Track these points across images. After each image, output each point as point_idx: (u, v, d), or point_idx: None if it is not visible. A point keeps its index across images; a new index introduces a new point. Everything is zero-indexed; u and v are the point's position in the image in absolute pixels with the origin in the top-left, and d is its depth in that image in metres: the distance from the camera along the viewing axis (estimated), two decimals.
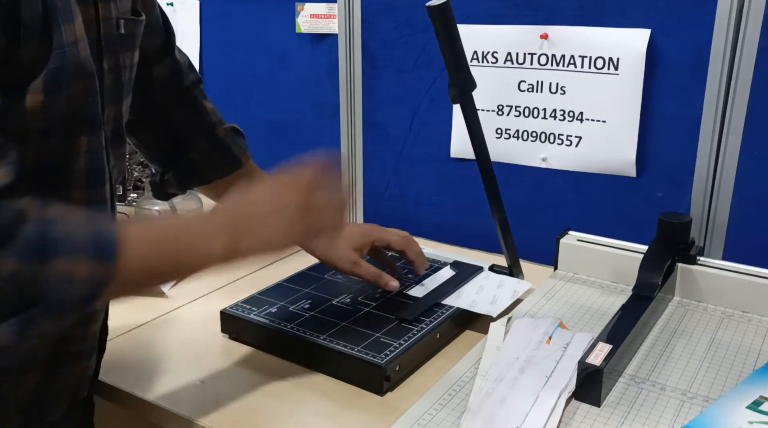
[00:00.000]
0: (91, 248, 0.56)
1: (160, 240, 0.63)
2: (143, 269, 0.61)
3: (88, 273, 0.56)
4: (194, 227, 0.66)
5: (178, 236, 0.65)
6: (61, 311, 0.56)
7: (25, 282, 0.54)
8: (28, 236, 0.54)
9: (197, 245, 0.65)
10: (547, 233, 1.15)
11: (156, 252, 0.62)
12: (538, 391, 0.76)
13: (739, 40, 1.01)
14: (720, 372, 0.82)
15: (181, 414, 0.79)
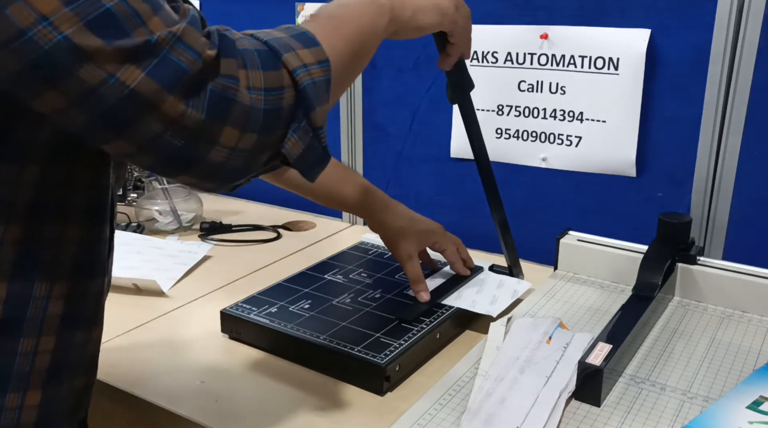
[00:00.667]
0: (297, 40, 0.59)
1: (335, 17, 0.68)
2: (342, 46, 0.64)
3: (311, 59, 0.59)
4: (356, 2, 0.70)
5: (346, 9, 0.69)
6: (318, 98, 0.59)
7: (279, 87, 0.56)
8: (248, 47, 0.56)
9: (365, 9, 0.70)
10: (547, 233, 1.15)
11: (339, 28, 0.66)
12: (538, 391, 0.76)
13: (739, 40, 1.01)
14: (720, 372, 0.82)
15: (181, 414, 0.79)
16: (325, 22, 0.66)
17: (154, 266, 1.18)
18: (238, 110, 0.54)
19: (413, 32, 0.77)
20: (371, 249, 1.19)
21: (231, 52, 0.54)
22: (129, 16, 0.49)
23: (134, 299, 1.08)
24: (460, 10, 0.83)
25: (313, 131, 0.60)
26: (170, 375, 0.87)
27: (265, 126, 0.56)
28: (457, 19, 0.83)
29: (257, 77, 0.55)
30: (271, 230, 1.39)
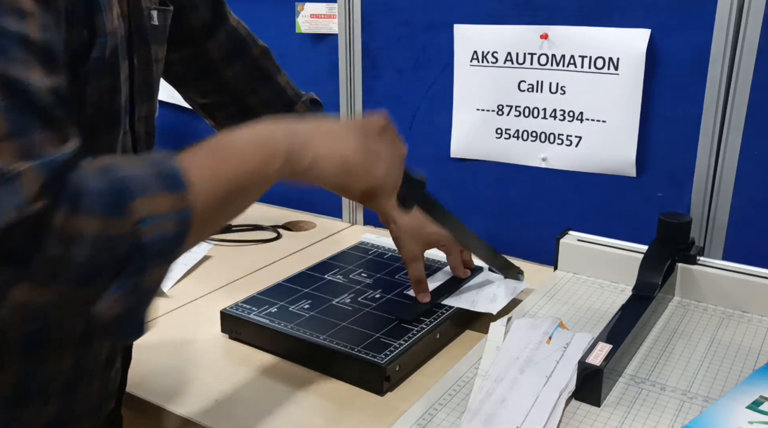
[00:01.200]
0: (160, 181, 0.51)
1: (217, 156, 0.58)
2: (214, 190, 0.55)
3: (167, 207, 0.50)
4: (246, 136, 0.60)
5: (232, 146, 0.59)
6: (161, 257, 0.50)
7: (113, 237, 0.47)
8: (96, 186, 0.47)
9: (255, 150, 0.59)
10: (547, 233, 1.15)
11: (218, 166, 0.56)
12: (538, 391, 0.76)
13: (739, 40, 1.01)
14: (720, 372, 0.82)
15: (181, 414, 0.79)
16: (206, 155, 0.56)
17: None
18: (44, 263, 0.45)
19: (317, 183, 0.64)
20: (371, 249, 1.19)
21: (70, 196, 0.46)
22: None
23: None
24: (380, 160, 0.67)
25: (140, 293, 0.50)
26: (170, 375, 0.87)
27: (79, 279, 0.47)
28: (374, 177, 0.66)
29: (89, 224, 0.46)
30: (271, 230, 1.39)
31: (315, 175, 0.63)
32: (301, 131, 0.62)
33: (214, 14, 0.89)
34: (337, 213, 1.48)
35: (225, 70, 0.91)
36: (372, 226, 1.44)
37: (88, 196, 0.46)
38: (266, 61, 0.95)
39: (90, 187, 0.47)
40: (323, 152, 0.62)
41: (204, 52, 0.90)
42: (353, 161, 0.64)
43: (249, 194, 0.60)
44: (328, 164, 0.63)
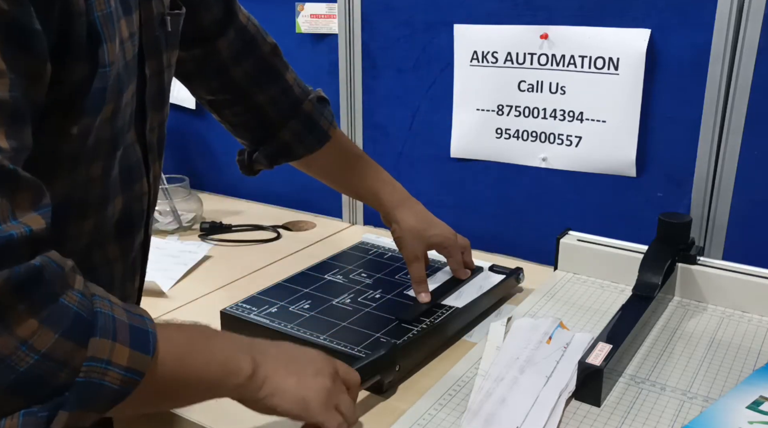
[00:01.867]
0: (130, 336, 0.51)
1: (191, 340, 0.60)
2: (175, 370, 0.56)
3: (124, 361, 0.50)
4: (221, 341, 0.63)
5: (209, 341, 0.62)
6: (89, 403, 0.49)
7: (60, 362, 0.46)
8: (70, 305, 0.47)
9: (227, 358, 0.61)
10: (547, 233, 1.15)
11: (187, 353, 0.58)
12: (538, 391, 0.76)
13: (739, 40, 1.01)
14: (720, 372, 0.82)
15: (181, 414, 0.79)
16: (181, 341, 0.58)
17: (154, 267, 1.17)
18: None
19: (265, 410, 0.65)
20: (371, 249, 1.19)
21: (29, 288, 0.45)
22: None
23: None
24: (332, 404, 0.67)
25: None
26: None
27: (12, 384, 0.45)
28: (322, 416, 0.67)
29: (45, 337, 0.45)
30: (271, 230, 1.39)
31: (267, 405, 0.64)
32: (267, 360, 0.64)
33: (225, 12, 0.89)
34: (337, 213, 1.48)
35: (234, 69, 0.91)
36: (372, 226, 1.44)
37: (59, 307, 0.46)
38: (275, 58, 0.95)
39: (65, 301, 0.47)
40: (284, 386, 0.64)
41: (214, 52, 0.90)
42: (313, 402, 0.65)
43: (195, 394, 0.61)
44: (284, 399, 0.64)
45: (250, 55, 0.92)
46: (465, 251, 1.07)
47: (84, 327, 0.48)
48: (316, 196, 1.51)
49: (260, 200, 1.59)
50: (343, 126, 1.42)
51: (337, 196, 1.48)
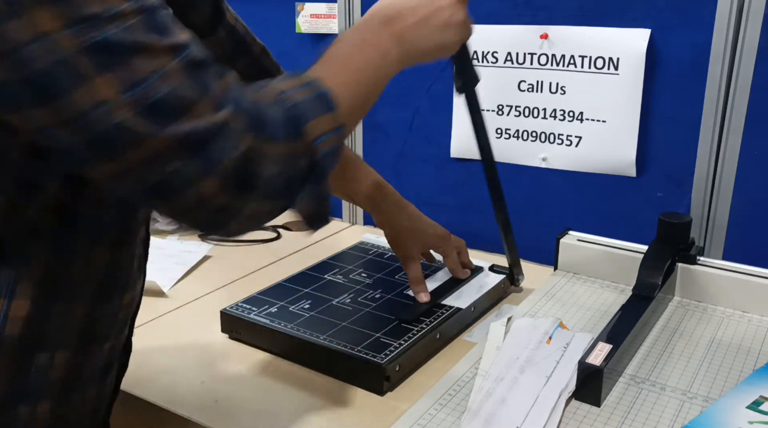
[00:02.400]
0: (319, 105, 0.61)
1: (350, 71, 0.69)
2: (351, 102, 0.66)
3: (330, 126, 0.61)
4: (368, 47, 0.71)
5: (361, 61, 0.70)
6: (331, 166, 0.62)
7: (298, 155, 0.58)
8: (276, 116, 0.57)
9: (379, 64, 0.72)
10: (547, 233, 1.15)
11: (352, 84, 0.67)
12: (538, 391, 0.76)
13: (739, 40, 1.01)
14: (720, 372, 0.82)
15: (181, 414, 0.79)
16: (338, 70, 0.68)
17: (154, 267, 1.17)
18: (263, 184, 0.56)
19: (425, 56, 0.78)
20: (371, 249, 1.19)
21: (260, 127, 0.55)
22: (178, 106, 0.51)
23: None
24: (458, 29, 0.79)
25: (323, 197, 0.63)
26: (170, 375, 0.87)
27: (283, 194, 0.58)
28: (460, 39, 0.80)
29: (281, 148, 0.57)
30: (271, 230, 1.39)
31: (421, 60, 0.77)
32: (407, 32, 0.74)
33: (213, 11, 0.89)
34: (337, 213, 1.48)
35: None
36: (372, 226, 1.44)
37: (271, 125, 0.56)
38: (266, 60, 0.96)
39: (271, 117, 0.56)
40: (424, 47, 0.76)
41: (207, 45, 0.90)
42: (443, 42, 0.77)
43: (376, 86, 0.73)
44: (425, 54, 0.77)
45: (243, 56, 0.93)
46: (460, 251, 1.07)
47: (294, 125, 0.58)
48: None
49: None
50: None
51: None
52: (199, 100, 0.51)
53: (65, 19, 0.46)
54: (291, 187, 0.59)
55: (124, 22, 0.48)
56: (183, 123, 0.50)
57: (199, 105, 0.51)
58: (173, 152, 0.51)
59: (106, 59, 0.48)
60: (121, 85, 0.48)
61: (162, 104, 0.49)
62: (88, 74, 0.47)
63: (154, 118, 0.49)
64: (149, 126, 0.49)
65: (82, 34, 0.47)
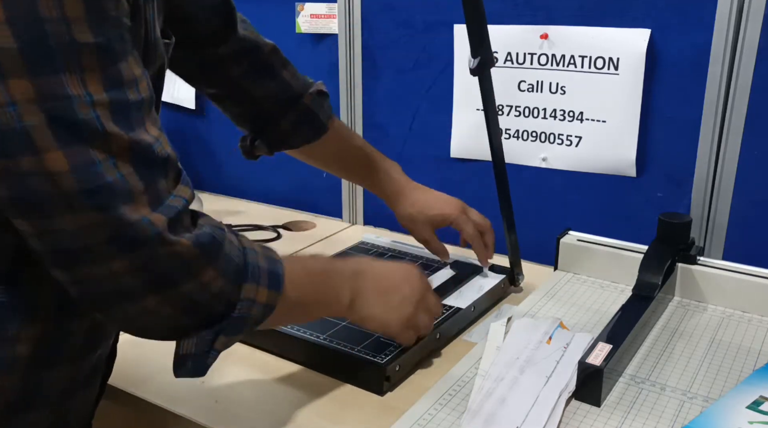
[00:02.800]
0: (268, 279, 0.64)
1: (310, 278, 0.73)
2: (295, 301, 0.68)
3: (263, 300, 0.63)
4: (332, 275, 0.76)
5: (322, 274, 0.75)
6: (239, 330, 0.63)
7: (224, 299, 0.61)
8: (233, 259, 0.61)
9: (332, 288, 0.75)
10: (547, 233, 1.15)
11: (306, 288, 0.71)
12: (538, 391, 0.76)
13: (739, 40, 1.01)
14: (720, 372, 0.82)
15: (181, 414, 0.79)
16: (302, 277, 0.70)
17: None
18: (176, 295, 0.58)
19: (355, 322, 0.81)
20: (371, 249, 1.19)
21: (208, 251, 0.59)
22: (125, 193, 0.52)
23: None
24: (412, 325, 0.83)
25: (209, 350, 0.62)
26: (170, 375, 0.87)
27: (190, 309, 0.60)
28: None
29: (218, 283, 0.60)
30: (271, 230, 1.39)
31: (358, 322, 0.80)
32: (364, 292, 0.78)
33: (224, 24, 0.92)
34: (337, 213, 1.48)
35: (232, 68, 0.94)
36: (372, 226, 1.44)
37: (226, 261, 0.60)
38: (272, 57, 0.98)
39: (230, 255, 0.61)
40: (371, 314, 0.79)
41: (214, 56, 0.93)
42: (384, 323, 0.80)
43: (308, 315, 0.77)
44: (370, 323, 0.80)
45: (249, 56, 0.96)
46: (483, 230, 1.07)
47: (241, 275, 0.62)
48: (316, 196, 1.51)
49: (260, 200, 1.59)
50: None
51: (337, 196, 1.48)
52: (141, 193, 0.53)
53: (38, 94, 0.47)
54: (197, 312, 0.60)
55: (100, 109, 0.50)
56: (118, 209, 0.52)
57: (140, 197, 0.53)
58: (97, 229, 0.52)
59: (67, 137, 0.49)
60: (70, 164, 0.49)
61: (103, 189, 0.51)
62: (49, 146, 0.48)
63: (94, 200, 0.51)
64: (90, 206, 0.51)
65: (52, 110, 0.47)
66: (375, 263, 0.84)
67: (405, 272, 0.84)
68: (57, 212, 0.50)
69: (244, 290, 0.62)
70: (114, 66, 0.50)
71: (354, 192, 1.45)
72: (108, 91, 0.49)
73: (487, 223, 1.08)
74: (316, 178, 1.49)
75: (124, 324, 0.61)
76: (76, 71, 0.47)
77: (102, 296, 0.56)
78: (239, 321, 0.62)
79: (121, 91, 0.51)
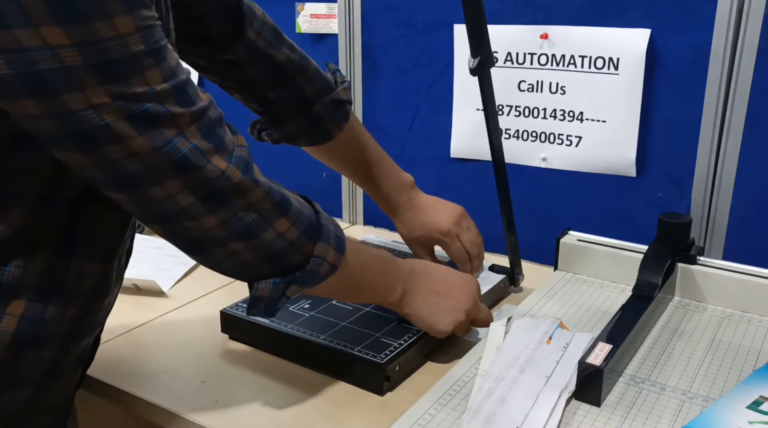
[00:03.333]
0: (335, 241, 0.72)
1: (371, 258, 0.82)
2: (355, 274, 0.76)
3: (331, 259, 0.71)
4: (389, 266, 0.83)
5: (382, 262, 0.83)
6: (310, 283, 0.71)
7: (297, 251, 0.69)
8: (310, 218, 0.70)
9: (388, 278, 0.83)
10: (547, 233, 1.15)
11: (366, 265, 0.80)
12: (538, 391, 0.76)
13: (739, 40, 1.01)
14: (720, 372, 0.82)
15: (181, 414, 0.79)
16: (362, 255, 0.79)
17: (154, 266, 1.18)
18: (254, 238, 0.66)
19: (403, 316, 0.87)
20: None
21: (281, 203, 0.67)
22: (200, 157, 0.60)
23: (134, 299, 1.08)
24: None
25: (281, 296, 0.70)
26: (170, 375, 0.87)
27: (268, 256, 0.68)
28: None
29: (293, 233, 0.68)
30: None
31: (406, 317, 0.86)
32: (416, 292, 0.85)
33: (234, 26, 0.92)
34: (337, 213, 1.48)
35: (247, 69, 0.95)
36: (372, 226, 1.45)
37: (298, 215, 0.69)
38: (286, 66, 0.98)
39: (300, 210, 0.69)
40: (419, 312, 0.85)
41: (227, 55, 0.93)
42: (427, 325, 0.86)
43: (363, 296, 0.85)
44: (417, 320, 0.86)
45: (261, 63, 0.95)
46: (473, 257, 1.06)
47: (316, 233, 0.70)
48: (316, 196, 1.50)
49: None
50: None
51: (337, 196, 1.48)
52: (212, 152, 0.61)
53: (112, 98, 0.54)
54: (274, 258, 0.68)
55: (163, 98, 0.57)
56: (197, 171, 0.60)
57: (212, 156, 0.61)
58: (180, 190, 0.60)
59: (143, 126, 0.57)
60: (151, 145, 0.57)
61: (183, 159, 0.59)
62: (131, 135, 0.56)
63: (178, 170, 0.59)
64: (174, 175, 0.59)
65: (126, 108, 0.55)
66: (433, 267, 0.89)
67: (461, 279, 0.89)
68: (149, 184, 0.59)
69: (317, 247, 0.69)
70: (164, 61, 0.58)
71: (354, 192, 1.45)
72: (166, 81, 0.57)
73: (476, 245, 1.06)
74: (316, 178, 1.49)
75: (214, 266, 0.69)
76: (139, 73, 0.56)
77: (197, 245, 0.65)
78: (310, 274, 0.70)
79: (174, 76, 0.58)
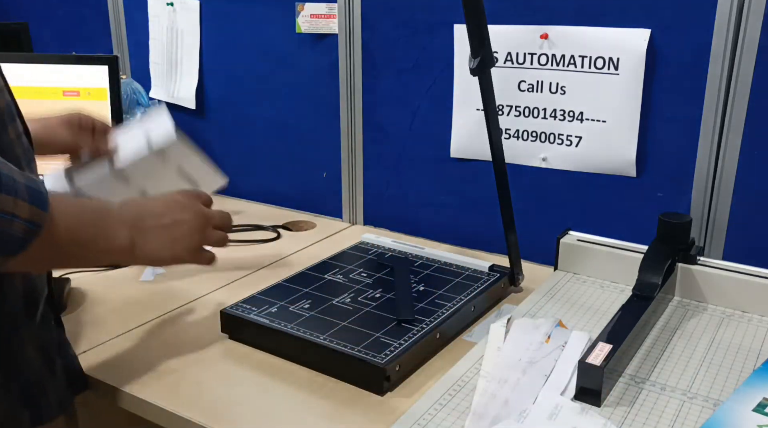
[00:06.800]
0: (29, 194, 0.60)
1: (81, 210, 0.69)
2: (67, 231, 0.65)
3: (26, 215, 0.60)
4: (108, 211, 0.73)
5: (95, 212, 0.71)
6: (5, 249, 0.59)
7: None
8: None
9: (108, 227, 0.71)
10: (547, 233, 1.15)
11: (77, 218, 0.68)
12: (538, 391, 0.76)
13: (739, 40, 1.01)
14: (720, 372, 0.82)
15: (181, 414, 0.79)
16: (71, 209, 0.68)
17: None
18: None
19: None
20: (371, 249, 1.19)
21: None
22: None
23: (134, 299, 1.08)
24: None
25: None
26: (170, 375, 0.87)
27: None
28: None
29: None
30: (271, 230, 1.39)
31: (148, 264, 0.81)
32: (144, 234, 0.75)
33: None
34: (337, 213, 1.48)
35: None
36: (372, 226, 1.45)
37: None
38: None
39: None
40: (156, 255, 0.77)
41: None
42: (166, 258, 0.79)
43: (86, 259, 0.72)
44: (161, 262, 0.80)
45: None
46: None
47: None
48: (316, 196, 1.51)
49: (260, 200, 1.59)
50: (343, 126, 1.42)
51: (337, 196, 1.48)
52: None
53: None
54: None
55: None
56: None
57: None
58: None
59: None
60: None
61: None
62: None
63: None
64: None
65: None
66: (150, 201, 0.81)
67: (181, 200, 0.81)
68: None
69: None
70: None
71: (354, 192, 1.45)
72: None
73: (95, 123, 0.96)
74: (316, 178, 1.49)
75: None
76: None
77: None
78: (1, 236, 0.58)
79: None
